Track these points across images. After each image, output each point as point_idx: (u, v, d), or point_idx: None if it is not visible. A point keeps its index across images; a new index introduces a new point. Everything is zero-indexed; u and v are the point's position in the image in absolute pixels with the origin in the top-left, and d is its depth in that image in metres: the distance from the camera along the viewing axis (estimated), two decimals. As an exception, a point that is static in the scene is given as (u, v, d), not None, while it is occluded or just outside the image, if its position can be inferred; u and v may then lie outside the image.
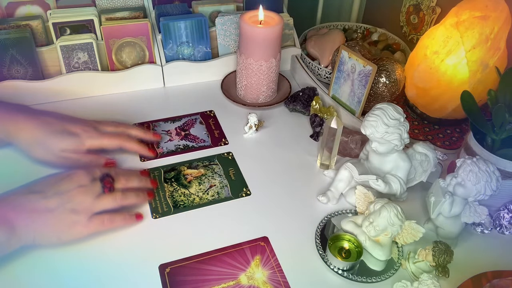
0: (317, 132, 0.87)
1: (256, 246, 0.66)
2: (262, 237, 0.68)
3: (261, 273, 0.63)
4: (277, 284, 0.62)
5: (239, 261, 0.64)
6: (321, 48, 1.03)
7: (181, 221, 0.70)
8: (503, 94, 0.69)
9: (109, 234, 0.66)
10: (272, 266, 0.64)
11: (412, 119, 0.91)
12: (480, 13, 0.76)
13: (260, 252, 0.65)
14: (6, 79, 0.86)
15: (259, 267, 0.63)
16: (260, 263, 0.64)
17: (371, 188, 0.70)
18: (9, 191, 0.62)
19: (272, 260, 0.64)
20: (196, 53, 0.98)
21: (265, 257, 0.65)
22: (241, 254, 0.65)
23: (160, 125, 0.88)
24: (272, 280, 0.62)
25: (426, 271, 0.63)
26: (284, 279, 0.62)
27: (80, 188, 0.63)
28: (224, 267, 0.63)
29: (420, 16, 1.06)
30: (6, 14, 0.91)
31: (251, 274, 0.63)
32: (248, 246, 0.66)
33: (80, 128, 0.74)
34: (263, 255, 0.65)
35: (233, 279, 0.62)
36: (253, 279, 0.62)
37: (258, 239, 0.67)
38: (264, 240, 0.67)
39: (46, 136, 0.71)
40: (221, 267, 0.63)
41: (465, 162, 0.63)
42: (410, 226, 0.65)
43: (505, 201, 0.72)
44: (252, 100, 0.94)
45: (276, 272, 0.63)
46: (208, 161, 0.81)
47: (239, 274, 0.62)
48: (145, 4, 0.99)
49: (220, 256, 0.64)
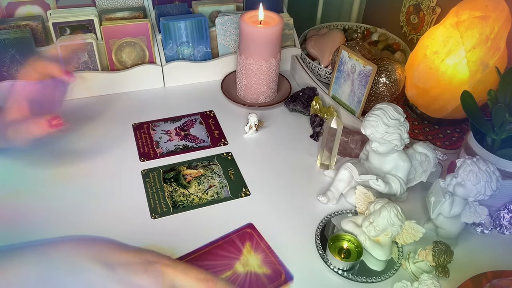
0: (317, 132, 0.87)
1: (243, 234, 0.67)
2: (247, 224, 0.69)
3: (254, 258, 0.64)
4: (271, 265, 0.63)
5: (231, 251, 0.65)
6: (321, 48, 1.03)
7: (180, 221, 0.70)
8: (503, 94, 0.69)
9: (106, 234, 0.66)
10: (263, 249, 0.65)
11: (412, 119, 0.91)
12: (480, 13, 0.75)
13: (248, 239, 0.67)
14: (6, 79, 0.86)
15: (251, 253, 0.65)
16: (251, 249, 0.65)
17: (371, 188, 0.70)
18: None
19: (261, 243, 0.66)
20: (196, 53, 0.98)
21: (255, 242, 0.66)
22: (231, 244, 0.66)
23: (160, 125, 0.88)
24: (266, 262, 0.64)
25: (426, 271, 0.63)
26: (277, 258, 0.64)
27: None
28: (218, 260, 0.64)
29: (420, 16, 1.06)
30: (6, 14, 0.91)
31: (245, 261, 0.64)
32: (235, 234, 0.67)
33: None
34: (252, 241, 0.66)
35: (229, 269, 0.63)
36: (248, 265, 0.63)
37: (244, 227, 0.68)
38: (250, 227, 0.68)
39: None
40: (215, 260, 0.64)
41: (465, 162, 0.63)
42: (410, 226, 0.65)
43: (505, 201, 0.72)
44: (252, 100, 0.94)
45: (268, 254, 0.64)
46: (208, 161, 0.81)
47: (234, 263, 0.63)
48: (145, 4, 1.00)
49: (212, 249, 0.65)
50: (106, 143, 0.82)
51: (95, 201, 0.72)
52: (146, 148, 0.83)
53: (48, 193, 0.73)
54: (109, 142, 0.83)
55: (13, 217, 0.69)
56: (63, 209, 0.71)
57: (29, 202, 0.71)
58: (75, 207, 0.71)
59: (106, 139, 0.83)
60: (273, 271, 0.62)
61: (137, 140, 0.85)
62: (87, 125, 0.87)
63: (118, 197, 0.73)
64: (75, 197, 0.73)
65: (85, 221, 0.69)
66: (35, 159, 0.74)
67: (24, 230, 0.67)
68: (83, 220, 0.69)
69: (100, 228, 0.68)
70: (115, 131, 0.86)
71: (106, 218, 0.70)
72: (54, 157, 0.74)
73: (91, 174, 0.77)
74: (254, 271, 0.62)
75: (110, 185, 0.75)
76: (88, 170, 0.77)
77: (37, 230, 0.67)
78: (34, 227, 0.68)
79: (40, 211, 0.70)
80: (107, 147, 0.82)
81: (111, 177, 0.77)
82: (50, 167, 0.76)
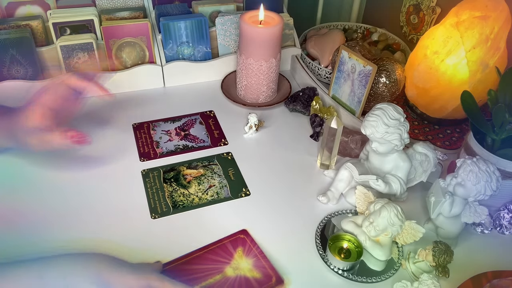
0: (317, 132, 0.87)
1: (236, 239, 0.67)
2: (241, 230, 0.68)
3: (245, 262, 0.64)
4: (262, 269, 0.63)
5: (222, 256, 0.65)
6: (321, 48, 1.03)
7: (181, 221, 0.70)
8: (503, 94, 0.69)
9: (106, 234, 0.66)
10: (255, 254, 0.65)
11: (412, 119, 0.91)
12: (480, 13, 0.75)
13: (241, 244, 0.66)
14: (6, 79, 0.86)
15: (243, 258, 0.64)
16: (243, 254, 0.65)
17: (371, 188, 0.70)
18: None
19: (254, 248, 0.66)
20: (196, 53, 0.98)
21: (247, 247, 0.66)
22: (223, 249, 0.65)
23: (160, 125, 0.88)
24: (257, 267, 0.63)
25: (426, 271, 0.63)
26: (269, 264, 0.63)
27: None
28: (208, 264, 0.64)
29: (420, 16, 1.06)
30: (6, 14, 0.91)
31: (236, 265, 0.63)
32: (228, 240, 0.67)
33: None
34: (244, 246, 0.66)
35: (219, 272, 0.62)
36: (238, 269, 0.63)
37: (237, 233, 0.68)
38: (243, 233, 0.68)
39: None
40: (206, 264, 0.64)
41: (465, 162, 0.63)
42: (410, 226, 0.65)
43: (505, 201, 0.72)
44: (252, 100, 0.94)
45: (260, 259, 0.64)
46: (208, 161, 0.81)
47: (224, 267, 0.63)
48: (145, 4, 1.00)
49: (203, 254, 0.65)
50: (106, 143, 0.82)
51: (95, 201, 0.72)
52: (146, 148, 0.83)
53: (48, 193, 0.73)
54: (109, 142, 0.83)
55: (12, 217, 0.69)
56: (63, 209, 0.71)
57: (28, 202, 0.71)
58: (75, 207, 0.71)
59: (106, 139, 0.83)
60: (263, 275, 0.62)
61: (137, 140, 0.85)
62: (87, 125, 0.86)
63: (118, 197, 0.73)
64: (75, 197, 0.73)
65: (85, 221, 0.69)
66: (35, 159, 0.74)
67: (24, 230, 0.67)
68: (83, 220, 0.69)
69: (100, 228, 0.68)
70: (115, 131, 0.86)
71: (106, 218, 0.70)
72: (54, 157, 0.74)
73: (91, 174, 0.77)
74: (244, 275, 0.62)
75: (110, 185, 0.75)
76: (88, 170, 0.77)
77: (37, 230, 0.67)
78: (34, 227, 0.68)
79: (39, 210, 0.70)
80: (107, 147, 0.82)
81: (111, 177, 0.77)
82: (50, 167, 0.76)
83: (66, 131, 0.67)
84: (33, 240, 0.65)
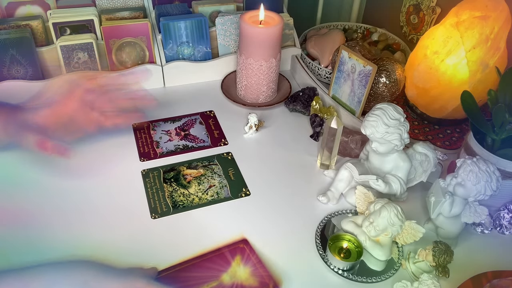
0: (317, 132, 0.87)
1: (235, 249, 0.66)
2: (241, 239, 0.68)
3: (242, 270, 0.63)
4: (259, 277, 0.62)
5: (219, 263, 0.64)
6: (321, 48, 1.03)
7: (181, 222, 0.70)
8: (503, 94, 0.69)
9: (107, 234, 0.66)
10: (254, 263, 0.64)
11: (412, 119, 0.91)
12: (480, 13, 0.75)
13: (240, 252, 0.66)
14: (6, 79, 0.86)
15: (240, 266, 0.64)
16: (241, 262, 0.64)
17: (371, 188, 0.70)
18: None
19: (252, 257, 0.65)
20: (196, 53, 0.98)
21: (245, 256, 0.65)
22: (221, 258, 0.65)
23: (160, 125, 0.88)
24: (255, 275, 0.62)
25: (426, 271, 0.63)
26: (267, 272, 0.63)
27: None
28: (204, 272, 0.63)
29: (420, 16, 1.06)
30: (6, 14, 0.91)
31: (233, 273, 0.63)
32: (227, 249, 0.66)
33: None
34: (243, 255, 0.65)
35: (215, 279, 0.62)
36: (235, 277, 0.62)
37: (237, 242, 0.67)
38: (243, 242, 0.67)
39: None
40: (202, 272, 0.63)
41: (465, 162, 0.63)
42: (410, 226, 0.65)
43: (505, 201, 0.72)
44: (252, 100, 0.94)
45: (258, 268, 0.63)
46: (208, 161, 0.81)
47: (221, 275, 0.62)
48: (145, 4, 1.00)
49: (200, 262, 0.64)
50: (106, 143, 0.82)
51: (95, 201, 0.72)
52: (146, 148, 0.83)
53: (47, 193, 0.73)
54: (109, 142, 0.83)
55: (12, 217, 0.69)
56: (63, 209, 0.71)
57: (28, 202, 0.71)
58: (75, 207, 0.71)
59: (106, 139, 0.83)
60: (260, 283, 0.61)
61: (137, 140, 0.85)
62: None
63: (118, 197, 0.73)
64: (75, 196, 0.73)
65: (84, 221, 0.69)
66: (36, 158, 0.74)
67: (24, 230, 0.67)
68: (82, 220, 0.69)
69: (100, 228, 0.68)
70: (115, 131, 0.86)
71: (106, 218, 0.70)
72: (53, 157, 0.74)
73: (91, 174, 0.77)
74: (241, 283, 0.61)
75: (110, 185, 0.75)
76: (88, 170, 0.77)
77: (36, 230, 0.67)
78: (33, 227, 0.68)
79: (39, 210, 0.70)
80: (107, 147, 0.82)
81: (111, 177, 0.76)
82: (50, 167, 0.76)
83: (45, 141, 0.68)
84: (33, 239, 0.66)
